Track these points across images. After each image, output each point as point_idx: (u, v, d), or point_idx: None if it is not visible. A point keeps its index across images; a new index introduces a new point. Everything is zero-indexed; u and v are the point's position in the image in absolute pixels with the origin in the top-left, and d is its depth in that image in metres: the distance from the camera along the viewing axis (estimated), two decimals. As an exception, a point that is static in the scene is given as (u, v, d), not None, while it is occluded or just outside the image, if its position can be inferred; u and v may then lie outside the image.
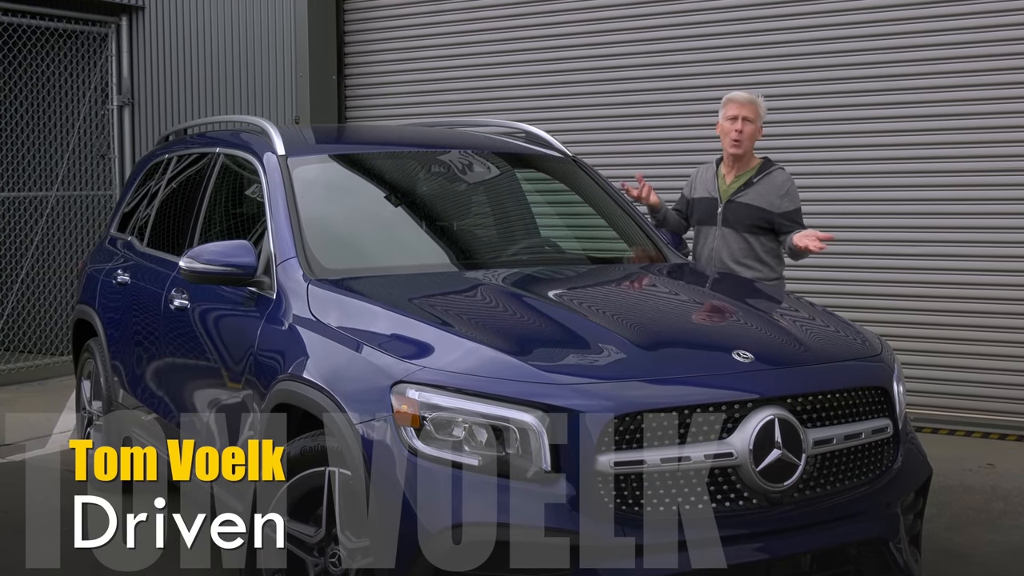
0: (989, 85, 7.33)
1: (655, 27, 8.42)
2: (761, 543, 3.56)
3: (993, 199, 7.39)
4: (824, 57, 7.83)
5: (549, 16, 8.86)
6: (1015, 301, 7.37)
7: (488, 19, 9.15)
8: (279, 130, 5.15)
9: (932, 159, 7.55)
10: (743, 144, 5.61)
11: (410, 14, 9.54)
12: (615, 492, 3.45)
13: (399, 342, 3.84)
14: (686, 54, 8.30)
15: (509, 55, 9.06)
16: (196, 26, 10.20)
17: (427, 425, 3.55)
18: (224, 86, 10.06)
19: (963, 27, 7.40)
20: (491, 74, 9.15)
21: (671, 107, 8.35)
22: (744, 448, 3.54)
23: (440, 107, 9.30)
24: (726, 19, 8.14)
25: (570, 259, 5.48)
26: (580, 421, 3.44)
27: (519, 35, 9.01)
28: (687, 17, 8.29)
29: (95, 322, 6.33)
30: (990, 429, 7.46)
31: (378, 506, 3.56)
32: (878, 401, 3.96)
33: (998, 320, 7.42)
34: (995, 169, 7.37)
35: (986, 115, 7.37)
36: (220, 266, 4.50)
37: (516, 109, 8.83)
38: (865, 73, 7.68)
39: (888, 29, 7.62)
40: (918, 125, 7.57)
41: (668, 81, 8.36)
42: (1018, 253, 7.34)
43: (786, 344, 4.03)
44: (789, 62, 7.93)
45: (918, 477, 4.11)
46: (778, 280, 5.67)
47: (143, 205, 6.38)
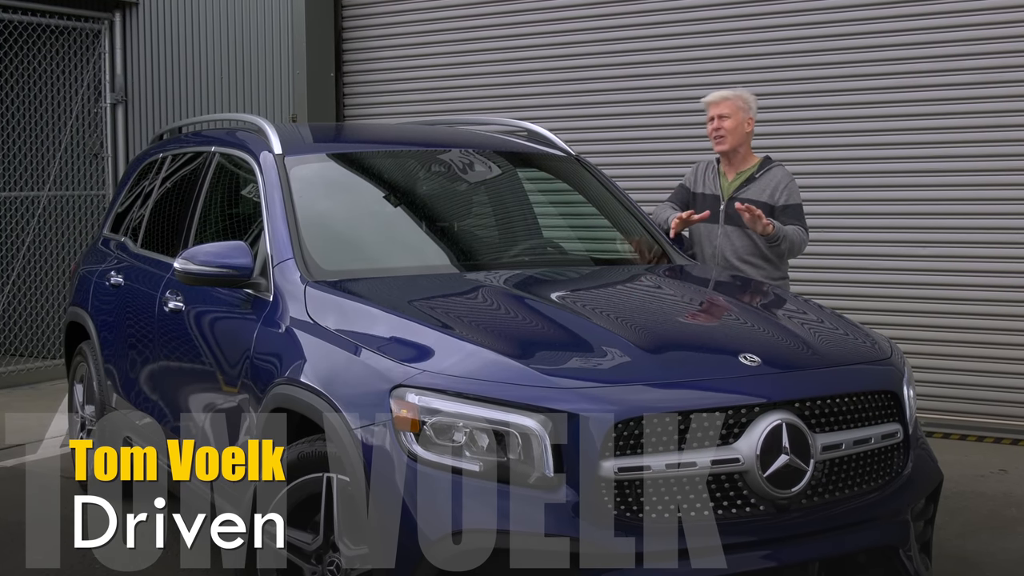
0: (996, 68, 7.33)
1: (661, 23, 8.42)
2: (768, 551, 3.56)
3: (1005, 199, 7.39)
4: (830, 53, 7.84)
5: (553, 12, 8.86)
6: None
7: (490, 15, 9.15)
8: (276, 128, 5.15)
9: (939, 158, 7.55)
10: (726, 139, 5.70)
11: (411, 9, 9.55)
12: (619, 498, 3.45)
13: (398, 345, 3.84)
14: (691, 51, 8.29)
15: (511, 51, 9.06)
16: (191, 22, 10.21)
17: (427, 430, 3.55)
18: (220, 83, 10.07)
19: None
20: (493, 71, 9.15)
21: (676, 104, 8.35)
22: (751, 454, 3.54)
23: (441, 105, 9.30)
24: (731, 15, 8.15)
25: (573, 260, 5.49)
26: (583, 426, 3.44)
27: (521, 31, 9.01)
28: (693, 13, 8.29)
29: (88, 325, 6.33)
30: (1002, 434, 7.46)
31: (377, 513, 3.56)
32: (888, 405, 3.96)
33: (1010, 323, 7.41)
34: (1006, 169, 7.37)
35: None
36: (215, 268, 4.50)
37: (518, 107, 8.83)
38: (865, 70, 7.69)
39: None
40: (915, 123, 7.59)
41: (673, 79, 8.36)
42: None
43: (793, 347, 4.03)
44: (793, 59, 7.94)
45: (929, 483, 4.11)
46: (783, 279, 5.69)
47: (137, 205, 6.38)
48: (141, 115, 10.59)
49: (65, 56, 10.49)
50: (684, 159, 8.15)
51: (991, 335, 7.46)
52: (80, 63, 10.52)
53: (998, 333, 7.44)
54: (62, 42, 10.44)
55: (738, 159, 5.75)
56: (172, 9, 10.31)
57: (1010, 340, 7.41)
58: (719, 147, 5.75)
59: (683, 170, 7.82)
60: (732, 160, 5.76)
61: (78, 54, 10.52)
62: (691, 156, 8.05)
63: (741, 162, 5.76)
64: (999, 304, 7.44)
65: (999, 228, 7.41)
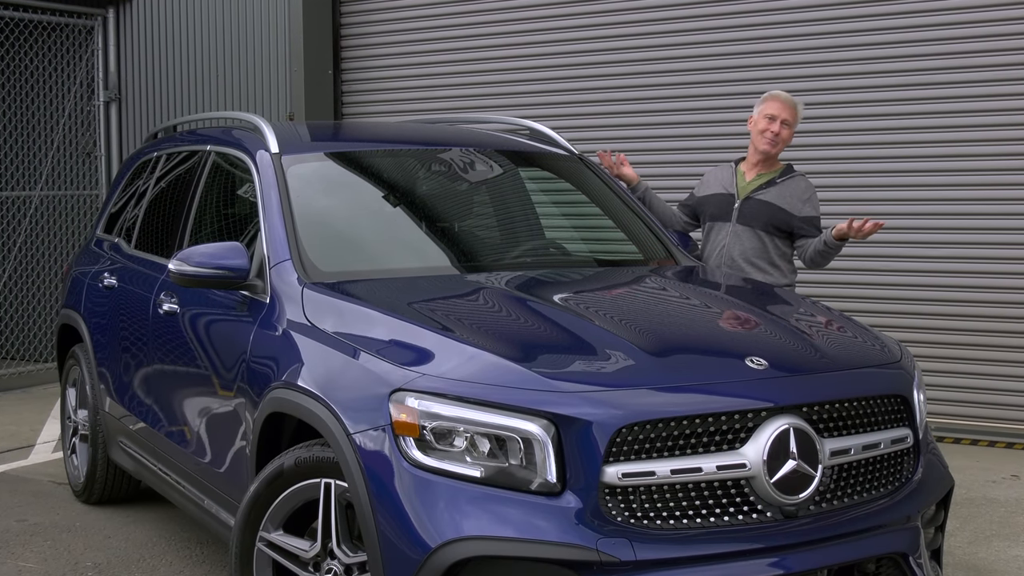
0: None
1: (667, 19, 8.42)
2: (775, 558, 3.55)
3: (1020, 199, 7.39)
4: (846, 50, 7.85)
5: (557, 7, 8.86)
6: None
7: (492, 11, 9.16)
8: (273, 127, 5.16)
9: (951, 157, 7.56)
10: (778, 145, 5.72)
11: (411, 5, 9.55)
12: (623, 505, 3.46)
13: (398, 348, 3.84)
14: (697, 47, 8.30)
15: (513, 48, 9.06)
16: (186, 18, 10.22)
17: (427, 435, 3.55)
18: (215, 81, 10.08)
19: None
20: (494, 68, 9.15)
21: (683, 103, 8.36)
22: (758, 459, 3.54)
23: (441, 103, 9.31)
24: (739, 11, 8.15)
25: (576, 261, 5.49)
26: (586, 430, 3.44)
27: (523, 27, 9.01)
28: (700, 9, 8.30)
29: (81, 327, 6.34)
30: (1015, 439, 7.46)
31: (376, 519, 3.56)
32: (898, 410, 3.96)
33: (1022, 325, 7.42)
34: (1015, 168, 7.38)
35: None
36: (211, 269, 4.50)
37: (520, 105, 8.84)
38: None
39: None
40: (926, 122, 7.62)
41: (679, 76, 8.38)
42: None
43: (801, 350, 4.03)
44: (808, 55, 7.95)
45: (939, 489, 4.11)
46: (789, 287, 5.69)
47: (131, 205, 6.39)
48: (135, 113, 10.60)
49: (57, 53, 10.50)
50: (690, 158, 8.17)
51: (1003, 338, 7.46)
52: (73, 60, 10.54)
53: (1010, 336, 7.45)
54: (54, 39, 10.45)
55: (767, 163, 5.78)
56: (167, 5, 10.32)
57: (1022, 343, 7.41)
58: (769, 148, 5.72)
59: (689, 169, 7.87)
60: (761, 162, 5.77)
61: (71, 51, 10.53)
62: (697, 155, 8.10)
63: (767, 165, 5.78)
64: (1011, 307, 7.44)
65: (1012, 229, 7.42)
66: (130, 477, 6.10)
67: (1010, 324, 7.44)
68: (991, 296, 7.49)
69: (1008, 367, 7.46)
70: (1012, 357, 7.44)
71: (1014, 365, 7.44)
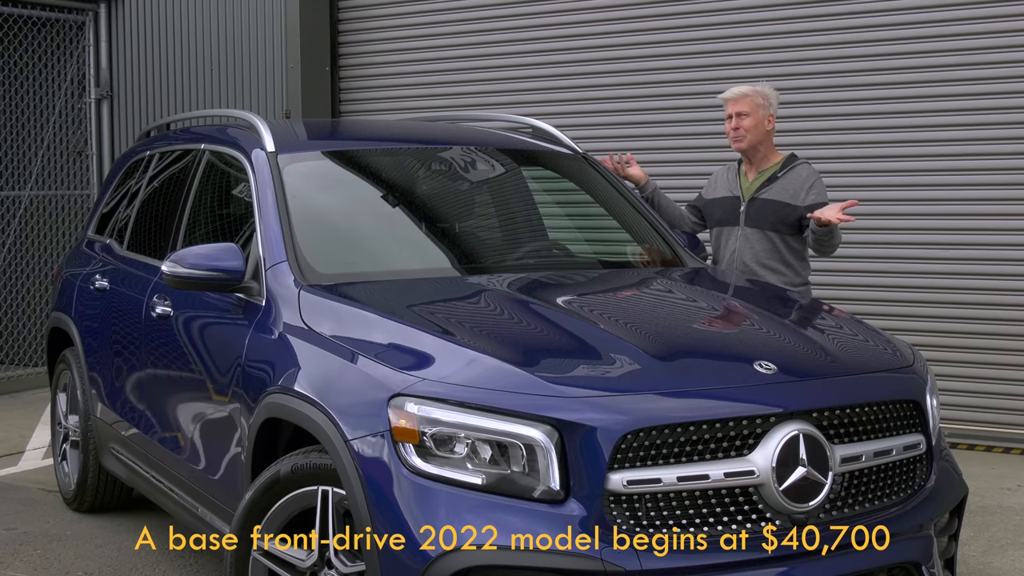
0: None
1: (669, 14, 8.43)
2: (785, 567, 3.56)
3: (1014, 199, 7.40)
4: (853, 46, 7.85)
5: (557, 4, 8.87)
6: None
7: (492, 6, 9.16)
8: (269, 125, 5.16)
9: (963, 156, 7.55)
10: (745, 138, 5.70)
11: (409, 0, 9.55)
12: (628, 512, 3.46)
13: (397, 352, 3.84)
14: (702, 44, 8.31)
15: (514, 44, 9.07)
16: (180, 13, 10.23)
17: (427, 441, 3.55)
18: (210, 78, 10.09)
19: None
20: (496, 65, 9.16)
21: (687, 100, 8.36)
22: (766, 466, 3.54)
23: (441, 101, 9.31)
24: (743, 6, 8.15)
25: (580, 263, 5.49)
26: (591, 437, 3.45)
27: (525, 23, 9.02)
28: (703, 5, 8.30)
29: (71, 331, 6.35)
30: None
31: (374, 528, 3.57)
32: (910, 415, 3.96)
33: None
34: None
35: (994, 110, 7.41)
36: (205, 271, 4.51)
37: (522, 103, 8.84)
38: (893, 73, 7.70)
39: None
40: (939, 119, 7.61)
41: (683, 73, 8.38)
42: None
43: (811, 354, 4.03)
44: (816, 52, 7.95)
45: (953, 496, 4.11)
46: (804, 285, 5.69)
47: (123, 206, 6.40)
48: (127, 111, 10.61)
49: (47, 49, 10.51)
50: (695, 157, 8.18)
51: (1018, 342, 7.45)
52: (63, 56, 10.55)
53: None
54: (44, 35, 10.46)
55: (759, 158, 5.76)
56: (159, 0, 10.33)
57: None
58: (737, 146, 5.75)
59: (694, 168, 7.88)
60: (753, 159, 5.77)
61: (61, 47, 10.54)
62: (702, 154, 8.10)
63: (762, 161, 5.77)
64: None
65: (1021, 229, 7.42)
66: (122, 484, 6.11)
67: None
68: (1006, 299, 7.48)
69: (1023, 371, 7.45)
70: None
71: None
